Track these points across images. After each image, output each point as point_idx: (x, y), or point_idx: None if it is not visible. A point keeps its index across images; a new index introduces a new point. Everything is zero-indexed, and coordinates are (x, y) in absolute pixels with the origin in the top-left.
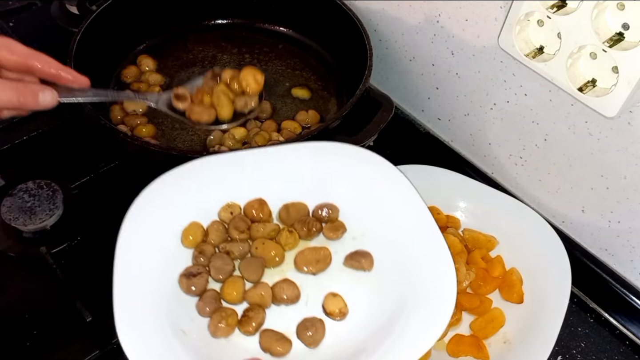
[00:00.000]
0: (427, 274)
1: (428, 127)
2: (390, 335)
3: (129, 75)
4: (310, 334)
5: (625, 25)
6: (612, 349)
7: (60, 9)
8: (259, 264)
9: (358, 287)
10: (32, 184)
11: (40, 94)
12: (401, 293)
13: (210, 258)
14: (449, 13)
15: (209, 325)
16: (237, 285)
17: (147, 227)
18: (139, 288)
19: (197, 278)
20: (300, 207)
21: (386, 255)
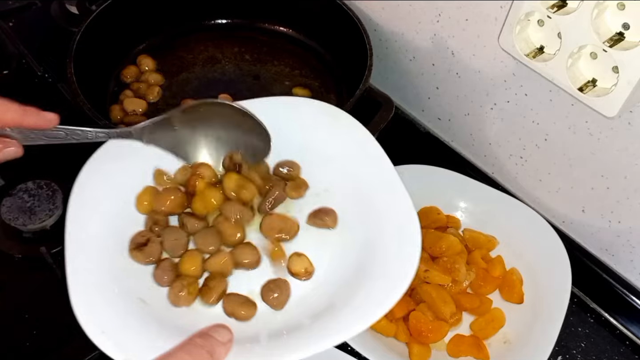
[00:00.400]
0: (391, 228)
1: (428, 127)
2: (358, 291)
3: (129, 75)
4: (275, 295)
5: (625, 25)
6: (612, 349)
7: (60, 9)
8: (215, 234)
9: (323, 244)
10: (32, 184)
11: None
12: (366, 248)
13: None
14: (449, 13)
15: (168, 294)
16: (194, 259)
17: (97, 194)
18: (94, 258)
19: (148, 246)
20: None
21: (350, 210)
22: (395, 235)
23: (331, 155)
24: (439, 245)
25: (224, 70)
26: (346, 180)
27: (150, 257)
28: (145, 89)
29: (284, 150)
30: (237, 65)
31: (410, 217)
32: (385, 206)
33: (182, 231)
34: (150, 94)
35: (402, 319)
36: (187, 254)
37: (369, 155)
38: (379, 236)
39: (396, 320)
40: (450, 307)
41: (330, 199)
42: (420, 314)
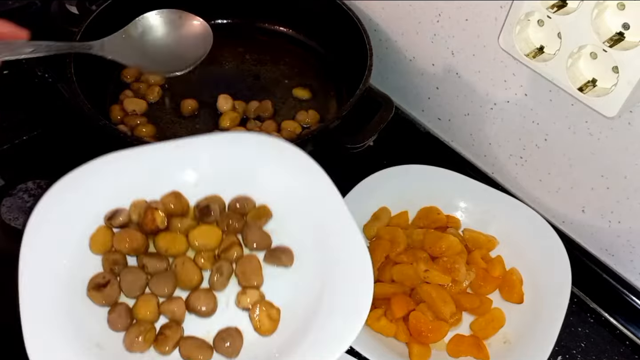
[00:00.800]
0: (344, 265)
1: (428, 127)
2: (306, 336)
3: (129, 74)
4: (228, 344)
5: (625, 25)
6: (612, 349)
7: (60, 9)
8: (170, 279)
9: (278, 283)
10: (32, 184)
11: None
12: (321, 285)
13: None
14: (449, 13)
15: (124, 339)
16: (150, 303)
17: (51, 233)
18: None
19: (108, 288)
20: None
21: (303, 247)
22: (349, 271)
23: (287, 194)
24: (439, 245)
25: (224, 70)
26: (301, 218)
27: (108, 298)
28: (145, 89)
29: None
30: (237, 65)
31: (362, 253)
32: (338, 242)
33: (142, 272)
34: (150, 94)
35: (402, 319)
36: (142, 298)
37: (323, 194)
38: (332, 273)
39: (396, 320)
40: (450, 307)
41: (285, 236)
42: (420, 314)
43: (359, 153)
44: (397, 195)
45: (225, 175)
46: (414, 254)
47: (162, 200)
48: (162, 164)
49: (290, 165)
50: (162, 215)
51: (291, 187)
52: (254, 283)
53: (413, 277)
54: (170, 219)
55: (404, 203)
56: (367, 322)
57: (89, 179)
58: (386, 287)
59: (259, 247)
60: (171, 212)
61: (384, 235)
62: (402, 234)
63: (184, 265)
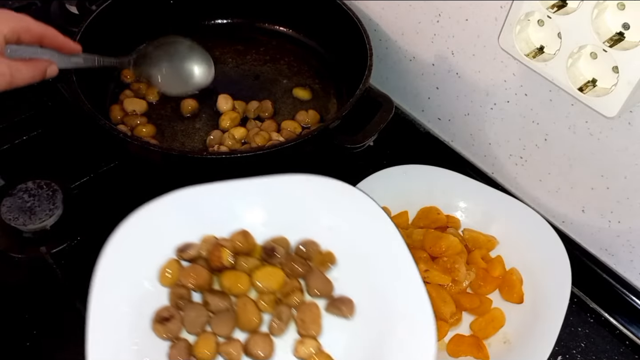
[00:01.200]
0: (405, 321)
1: (428, 127)
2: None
3: (129, 75)
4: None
5: (625, 25)
6: (612, 349)
7: (60, 9)
8: (230, 319)
9: (336, 333)
10: (32, 184)
11: (48, 70)
12: (380, 339)
13: (186, 305)
14: (449, 13)
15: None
16: (209, 342)
17: (124, 264)
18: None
19: (171, 323)
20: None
21: (366, 300)
22: (410, 328)
23: (354, 242)
24: (439, 245)
25: (224, 70)
26: (362, 265)
27: (170, 333)
28: (145, 89)
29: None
30: (237, 65)
31: (426, 311)
32: (400, 297)
33: (204, 309)
34: (150, 94)
35: None
36: (203, 336)
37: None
38: (393, 329)
39: None
40: (450, 307)
41: (347, 285)
42: None
43: (359, 153)
44: (397, 195)
45: (293, 217)
46: (414, 254)
47: (230, 238)
48: (233, 202)
49: (358, 213)
50: (229, 253)
51: (357, 236)
52: (313, 332)
53: None
54: (237, 257)
55: (404, 203)
56: None
57: (165, 212)
58: None
59: (321, 294)
60: (238, 250)
61: None
62: (402, 234)
63: (245, 306)
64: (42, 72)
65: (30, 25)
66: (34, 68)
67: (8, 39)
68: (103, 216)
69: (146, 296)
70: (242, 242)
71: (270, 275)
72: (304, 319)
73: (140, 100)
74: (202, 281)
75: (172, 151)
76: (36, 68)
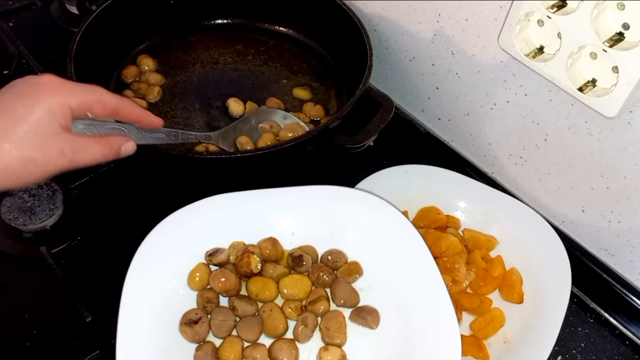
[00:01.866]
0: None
1: (428, 127)
2: None
3: (129, 75)
4: None
5: (625, 25)
6: (612, 349)
7: (60, 9)
8: (256, 325)
9: (360, 343)
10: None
11: (123, 147)
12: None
13: (214, 309)
14: (449, 13)
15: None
16: (235, 346)
17: (155, 266)
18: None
19: (198, 325)
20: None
21: (392, 312)
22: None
23: (379, 253)
24: (439, 245)
25: (224, 70)
26: (391, 280)
27: (198, 335)
28: (145, 89)
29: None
30: (237, 65)
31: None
32: (426, 310)
33: (231, 313)
34: (150, 94)
35: None
36: (229, 340)
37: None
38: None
39: None
40: None
41: (373, 296)
42: None
43: (359, 153)
44: (397, 195)
45: (322, 227)
46: None
47: (259, 245)
48: (264, 210)
49: (385, 224)
50: (257, 259)
51: (384, 247)
52: (337, 341)
53: None
54: (264, 264)
55: (404, 203)
56: None
57: (196, 217)
58: None
59: (346, 304)
60: (266, 257)
61: None
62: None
63: (271, 312)
64: (116, 150)
65: (104, 97)
66: (104, 146)
67: (76, 113)
68: (103, 216)
69: (175, 298)
70: (271, 249)
71: (297, 283)
72: (329, 327)
73: (141, 101)
74: (230, 286)
75: (172, 151)
76: (107, 145)
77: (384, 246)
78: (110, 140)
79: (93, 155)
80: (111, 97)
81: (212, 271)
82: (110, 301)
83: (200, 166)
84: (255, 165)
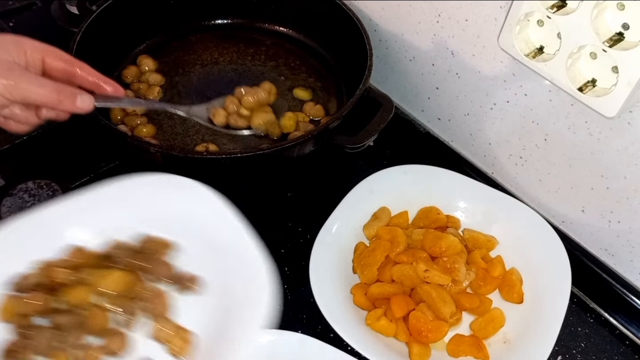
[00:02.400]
0: (246, 284)
1: (428, 127)
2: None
3: (129, 75)
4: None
5: (625, 25)
6: (612, 349)
7: (60, 9)
8: (78, 329)
9: (191, 309)
10: (32, 184)
11: (79, 97)
12: (226, 308)
13: (33, 333)
14: (449, 13)
15: None
16: (62, 356)
17: None
18: None
19: (20, 354)
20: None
21: (211, 275)
22: (249, 284)
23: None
24: (439, 245)
25: (224, 70)
26: (199, 244)
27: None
28: (145, 89)
29: (135, 227)
30: (237, 65)
31: (259, 266)
32: (238, 262)
33: (51, 329)
34: (150, 94)
35: (402, 319)
36: (56, 355)
37: (215, 215)
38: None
39: (396, 320)
40: (450, 307)
41: (188, 264)
42: (420, 313)
43: (359, 153)
44: (397, 195)
45: (123, 217)
46: (414, 254)
47: (67, 256)
48: (57, 222)
49: (185, 197)
50: (64, 271)
51: (189, 218)
52: (166, 315)
53: (413, 277)
54: (78, 271)
55: (404, 203)
56: (367, 322)
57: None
58: (386, 287)
59: (164, 278)
60: (77, 265)
61: (384, 235)
62: (402, 234)
63: (92, 312)
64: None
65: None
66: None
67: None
68: None
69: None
70: (79, 257)
71: (110, 278)
72: (155, 305)
73: None
74: (40, 305)
75: (172, 151)
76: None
77: (187, 217)
78: (66, 87)
79: (46, 94)
80: (67, 55)
81: (20, 297)
82: None
83: (201, 166)
84: (255, 165)
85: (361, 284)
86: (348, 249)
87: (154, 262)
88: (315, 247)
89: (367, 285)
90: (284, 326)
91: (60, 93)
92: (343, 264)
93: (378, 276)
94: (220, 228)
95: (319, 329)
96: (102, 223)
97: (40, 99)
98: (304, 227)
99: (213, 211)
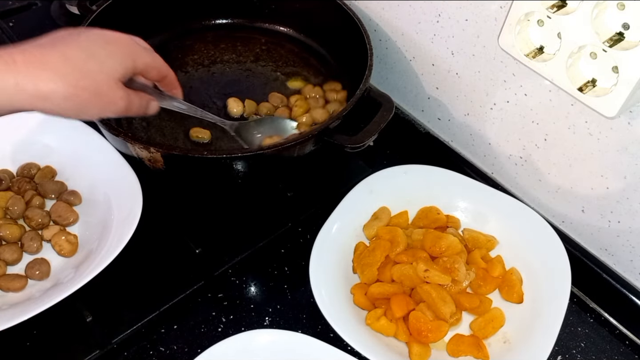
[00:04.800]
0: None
1: (428, 127)
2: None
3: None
4: (37, 272)
5: (625, 25)
6: (612, 349)
7: (60, 9)
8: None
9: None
10: None
11: (150, 105)
12: (105, 214)
13: None
14: (449, 13)
15: None
16: None
17: None
18: None
19: None
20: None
21: (90, 190)
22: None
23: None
24: (438, 245)
25: (224, 70)
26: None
27: None
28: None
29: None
30: (237, 65)
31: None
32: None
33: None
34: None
35: (402, 319)
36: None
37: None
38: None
39: (396, 320)
40: (450, 306)
41: (75, 186)
42: (420, 313)
43: (359, 153)
44: (397, 195)
45: (10, 150)
46: (414, 254)
47: None
48: None
49: (64, 130)
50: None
51: (68, 146)
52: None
53: (413, 277)
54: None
55: (404, 203)
56: (367, 322)
57: None
58: (386, 287)
59: (55, 195)
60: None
61: (384, 235)
62: (402, 233)
63: None
64: (145, 106)
65: (160, 65)
66: (141, 100)
67: (136, 72)
68: None
69: None
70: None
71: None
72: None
73: None
74: None
75: (173, 151)
76: (144, 101)
77: (67, 144)
78: (143, 98)
79: (137, 107)
80: (166, 67)
81: None
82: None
83: (201, 166)
84: (255, 165)
85: (361, 284)
86: (348, 249)
87: (44, 184)
88: (315, 247)
89: (367, 285)
90: (284, 326)
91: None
92: (343, 264)
93: (378, 276)
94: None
95: (319, 329)
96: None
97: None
98: (304, 227)
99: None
